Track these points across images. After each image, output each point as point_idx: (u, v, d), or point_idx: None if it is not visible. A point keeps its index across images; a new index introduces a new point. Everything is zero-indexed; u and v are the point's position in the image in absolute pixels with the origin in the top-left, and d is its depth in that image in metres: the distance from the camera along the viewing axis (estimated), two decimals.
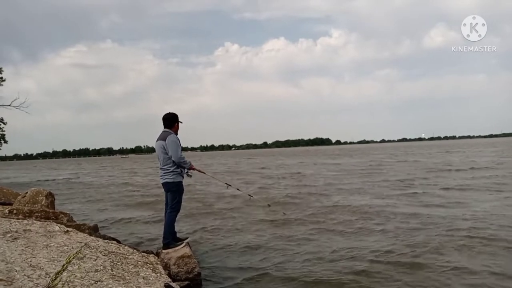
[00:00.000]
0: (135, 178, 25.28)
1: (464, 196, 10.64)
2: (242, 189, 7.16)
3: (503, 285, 4.37)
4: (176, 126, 5.07)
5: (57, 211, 6.19)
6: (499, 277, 4.59)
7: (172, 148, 4.83)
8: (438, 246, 5.81)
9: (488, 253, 5.51)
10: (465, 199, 10.16)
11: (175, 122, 5.04)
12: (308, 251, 5.94)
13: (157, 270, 4.24)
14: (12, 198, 7.59)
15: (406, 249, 5.73)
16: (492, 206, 8.91)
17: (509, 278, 4.54)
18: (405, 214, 8.29)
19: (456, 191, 11.72)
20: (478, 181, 13.90)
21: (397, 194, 11.53)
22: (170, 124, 5.01)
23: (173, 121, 5.03)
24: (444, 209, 8.88)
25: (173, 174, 4.92)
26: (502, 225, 6.97)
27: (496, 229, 6.66)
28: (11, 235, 4.33)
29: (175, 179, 4.93)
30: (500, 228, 6.76)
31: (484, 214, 8.00)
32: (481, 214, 8.02)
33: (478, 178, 15.12)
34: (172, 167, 4.90)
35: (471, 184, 13.30)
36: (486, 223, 7.14)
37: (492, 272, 4.76)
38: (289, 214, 8.74)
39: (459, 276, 4.67)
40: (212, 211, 9.99)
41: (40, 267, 3.47)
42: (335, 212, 9.10)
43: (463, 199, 10.07)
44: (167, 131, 4.99)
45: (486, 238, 6.14)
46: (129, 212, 10.44)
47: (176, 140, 4.89)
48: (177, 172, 4.94)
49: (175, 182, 4.94)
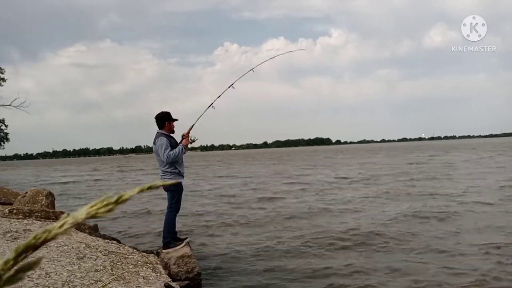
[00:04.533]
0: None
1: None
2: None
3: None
4: (168, 125, 4.98)
5: (57, 210, 6.20)
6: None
7: (160, 152, 4.82)
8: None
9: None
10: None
11: (165, 121, 4.98)
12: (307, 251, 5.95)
13: (157, 270, 4.24)
14: (12, 198, 7.59)
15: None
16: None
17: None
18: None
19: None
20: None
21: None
22: (161, 124, 4.97)
23: (163, 120, 4.97)
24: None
25: (171, 174, 4.91)
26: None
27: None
28: (11, 235, 4.33)
29: (173, 179, 4.93)
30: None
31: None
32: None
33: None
34: (169, 168, 4.89)
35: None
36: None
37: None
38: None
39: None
40: (212, 211, 9.99)
41: (40, 267, 3.47)
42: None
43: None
44: (158, 132, 4.97)
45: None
46: (129, 212, 10.44)
47: (163, 142, 4.82)
48: (175, 172, 4.92)
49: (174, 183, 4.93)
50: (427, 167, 21.95)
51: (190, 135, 5.08)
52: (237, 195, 13.10)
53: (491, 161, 24.50)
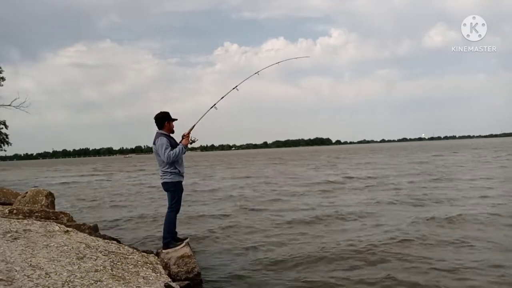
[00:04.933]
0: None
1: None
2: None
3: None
4: (167, 125, 4.99)
5: (57, 211, 6.20)
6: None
7: (161, 152, 4.82)
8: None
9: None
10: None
11: (165, 121, 4.98)
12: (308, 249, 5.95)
13: (157, 270, 4.24)
14: (12, 198, 7.59)
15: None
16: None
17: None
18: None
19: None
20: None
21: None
22: (160, 124, 4.98)
23: (163, 120, 4.98)
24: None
25: (171, 174, 4.91)
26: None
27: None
28: (11, 235, 4.33)
29: (173, 179, 4.93)
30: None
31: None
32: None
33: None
34: (169, 168, 4.89)
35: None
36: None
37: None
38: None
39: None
40: (213, 211, 9.99)
41: (40, 267, 3.47)
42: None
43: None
44: (158, 132, 4.98)
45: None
46: (129, 212, 10.44)
47: (163, 142, 4.83)
48: (175, 172, 4.92)
49: (173, 182, 4.93)
50: (447, 168, 20.97)
51: (190, 136, 5.09)
52: (239, 195, 13.10)
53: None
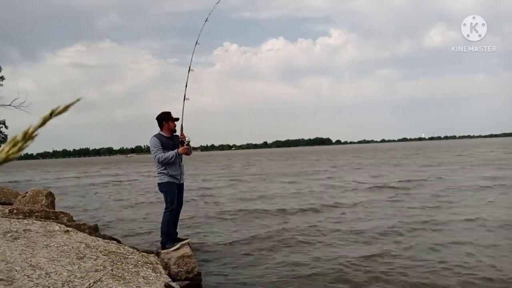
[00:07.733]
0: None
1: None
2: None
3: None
4: (166, 125, 4.97)
5: (57, 211, 6.20)
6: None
7: (151, 152, 4.84)
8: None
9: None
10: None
11: (163, 122, 4.97)
12: (314, 255, 5.95)
13: (157, 270, 4.24)
14: (12, 197, 7.60)
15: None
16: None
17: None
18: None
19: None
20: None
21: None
22: (159, 124, 5.00)
23: (161, 121, 4.98)
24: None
25: (162, 175, 4.91)
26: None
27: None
28: (11, 235, 4.33)
29: (162, 179, 4.91)
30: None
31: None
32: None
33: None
34: (160, 168, 4.90)
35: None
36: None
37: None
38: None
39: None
40: (214, 211, 9.98)
41: (40, 267, 3.47)
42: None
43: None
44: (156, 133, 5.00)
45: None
46: (129, 212, 10.44)
47: (153, 143, 4.82)
48: (164, 173, 4.89)
49: (163, 183, 4.92)
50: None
51: (185, 137, 5.03)
52: (242, 195, 13.09)
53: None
